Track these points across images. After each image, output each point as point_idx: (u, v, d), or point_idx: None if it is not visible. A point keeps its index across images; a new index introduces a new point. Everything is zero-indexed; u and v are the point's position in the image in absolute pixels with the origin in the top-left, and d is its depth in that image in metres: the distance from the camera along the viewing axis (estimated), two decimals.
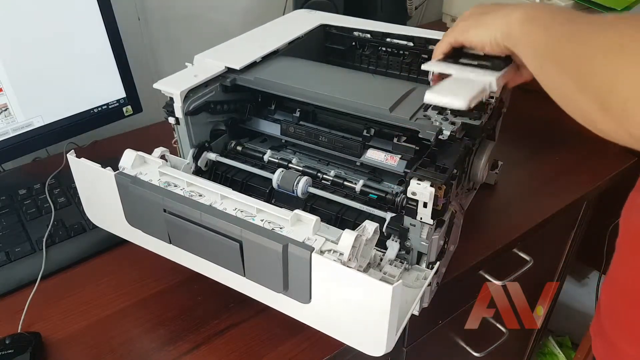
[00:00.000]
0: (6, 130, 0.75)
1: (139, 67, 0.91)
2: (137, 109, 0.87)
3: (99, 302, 0.64)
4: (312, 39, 0.82)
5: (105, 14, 0.79)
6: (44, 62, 0.76)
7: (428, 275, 0.56)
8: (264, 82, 0.66)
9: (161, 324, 0.61)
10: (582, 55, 0.40)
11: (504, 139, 0.77)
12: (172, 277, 0.66)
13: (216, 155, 0.67)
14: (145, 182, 0.56)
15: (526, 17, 0.49)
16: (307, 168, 0.65)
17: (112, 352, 0.58)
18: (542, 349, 1.46)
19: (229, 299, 0.62)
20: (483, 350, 0.90)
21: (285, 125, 0.69)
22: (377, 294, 0.44)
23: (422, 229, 0.55)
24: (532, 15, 0.48)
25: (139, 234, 0.59)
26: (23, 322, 0.61)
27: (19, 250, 0.68)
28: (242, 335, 0.59)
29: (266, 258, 0.49)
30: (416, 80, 0.80)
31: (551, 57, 0.44)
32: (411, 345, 0.78)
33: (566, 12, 0.47)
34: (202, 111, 0.65)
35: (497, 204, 0.79)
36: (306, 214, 0.49)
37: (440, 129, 0.56)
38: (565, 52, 0.42)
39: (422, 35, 0.77)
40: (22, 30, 0.72)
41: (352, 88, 0.66)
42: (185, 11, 1.00)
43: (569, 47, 0.42)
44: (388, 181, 0.64)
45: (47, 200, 0.75)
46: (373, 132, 0.66)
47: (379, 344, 0.47)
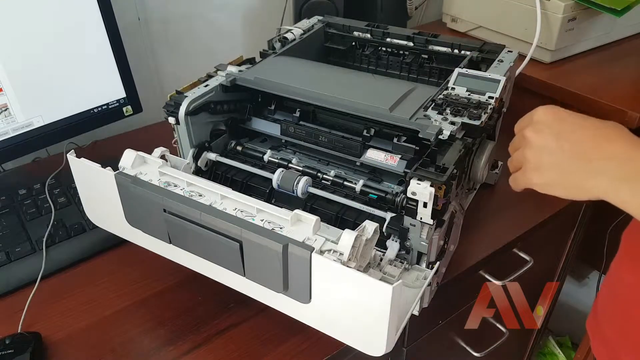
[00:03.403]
0: (6, 130, 0.75)
1: (139, 67, 0.91)
2: (137, 109, 0.87)
3: (98, 302, 0.64)
4: (312, 39, 0.82)
5: (105, 13, 0.79)
6: (44, 62, 0.76)
7: (428, 275, 0.56)
8: (264, 82, 0.66)
9: (161, 324, 0.61)
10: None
11: (504, 139, 0.77)
12: (172, 277, 0.66)
13: (216, 155, 0.67)
14: (145, 182, 0.56)
15: (626, 174, 0.43)
16: (307, 168, 0.65)
17: (112, 352, 0.58)
18: (542, 349, 1.46)
19: (229, 299, 0.62)
20: (483, 350, 0.90)
21: (285, 125, 0.69)
22: (377, 294, 0.44)
23: (422, 229, 0.55)
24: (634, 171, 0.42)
25: (139, 234, 0.59)
26: (23, 322, 0.61)
27: (19, 250, 0.68)
28: (242, 335, 0.59)
29: (266, 258, 0.49)
30: (416, 80, 0.80)
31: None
32: (411, 345, 0.78)
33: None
34: (202, 111, 0.65)
35: (497, 204, 0.79)
36: (306, 214, 0.49)
37: (440, 129, 0.56)
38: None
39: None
40: (22, 31, 0.72)
41: (352, 88, 0.66)
42: (185, 11, 1.00)
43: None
44: (388, 181, 0.65)
45: (47, 200, 0.75)
46: (373, 132, 0.66)
47: (379, 343, 0.47)
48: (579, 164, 0.45)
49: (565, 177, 0.46)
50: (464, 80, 0.65)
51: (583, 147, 0.45)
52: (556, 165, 0.47)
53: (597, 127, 0.46)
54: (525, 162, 0.49)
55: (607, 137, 0.45)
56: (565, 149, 0.46)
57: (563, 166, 0.46)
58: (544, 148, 0.47)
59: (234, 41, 1.09)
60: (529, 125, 0.49)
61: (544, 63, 1.04)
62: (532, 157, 0.48)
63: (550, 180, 0.47)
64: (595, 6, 0.95)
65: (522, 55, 0.85)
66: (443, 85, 0.66)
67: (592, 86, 0.95)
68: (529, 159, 0.49)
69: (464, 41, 0.77)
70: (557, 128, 0.47)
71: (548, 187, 0.48)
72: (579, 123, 0.47)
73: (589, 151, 0.45)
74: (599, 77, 0.99)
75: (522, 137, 0.50)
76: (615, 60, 1.05)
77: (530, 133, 0.49)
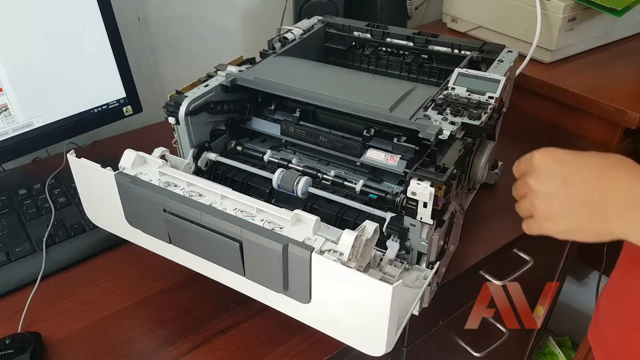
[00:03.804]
0: (6, 130, 0.75)
1: (139, 67, 0.91)
2: (137, 109, 0.87)
3: (99, 302, 0.64)
4: (312, 39, 0.82)
5: (105, 13, 0.79)
6: (44, 62, 0.76)
7: (428, 275, 0.56)
8: (264, 82, 0.66)
9: (161, 324, 0.61)
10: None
11: (504, 139, 0.77)
12: (172, 277, 0.66)
13: (216, 155, 0.67)
14: (145, 182, 0.56)
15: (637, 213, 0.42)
16: (307, 168, 0.65)
17: (112, 352, 0.58)
18: (542, 349, 1.46)
19: (229, 299, 0.62)
20: (483, 350, 0.90)
21: (285, 125, 0.69)
22: (377, 294, 0.44)
23: (422, 229, 0.54)
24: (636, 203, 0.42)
25: (139, 234, 0.59)
26: (23, 322, 0.61)
27: (19, 250, 0.68)
28: (242, 335, 0.59)
29: (266, 258, 0.49)
30: (416, 80, 0.80)
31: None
32: (411, 345, 0.78)
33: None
34: (202, 111, 0.65)
35: (497, 204, 0.79)
36: (306, 214, 0.49)
37: (440, 129, 0.56)
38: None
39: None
40: (22, 31, 0.72)
41: (352, 88, 0.66)
42: (185, 11, 1.00)
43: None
44: (388, 181, 0.64)
45: (47, 200, 0.75)
46: (373, 132, 0.66)
47: (379, 343, 0.47)
48: (589, 210, 0.44)
49: (579, 224, 0.45)
50: (464, 80, 0.65)
51: (589, 189, 0.44)
52: (567, 212, 0.46)
53: (598, 163, 0.45)
54: (535, 211, 0.48)
55: (609, 176, 0.44)
56: (573, 194, 0.45)
57: (574, 213, 0.45)
58: (552, 196, 0.46)
59: (234, 41, 1.09)
60: (530, 173, 0.48)
61: (544, 63, 1.04)
62: (542, 207, 0.47)
63: (565, 228, 0.47)
64: (595, 6, 0.95)
65: (522, 55, 0.85)
66: (443, 85, 0.66)
67: (592, 86, 0.95)
68: (539, 208, 0.48)
69: (464, 41, 0.77)
70: (559, 172, 0.46)
71: (565, 234, 0.47)
72: (579, 162, 0.46)
73: (596, 193, 0.44)
74: (599, 77, 0.99)
75: (525, 184, 0.49)
76: (615, 60, 1.05)
77: (533, 181, 0.48)
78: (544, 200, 0.47)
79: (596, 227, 0.44)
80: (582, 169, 0.45)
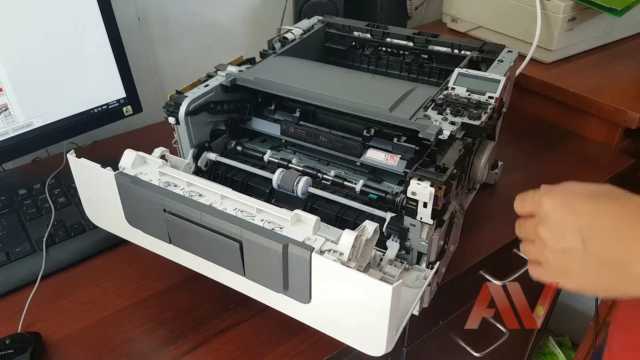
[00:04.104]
0: (6, 130, 0.75)
1: (139, 67, 0.91)
2: (137, 109, 0.87)
3: (99, 302, 0.64)
4: (312, 39, 0.82)
5: (105, 13, 0.79)
6: (44, 62, 0.76)
7: (428, 275, 0.56)
8: (264, 82, 0.66)
9: (161, 324, 0.61)
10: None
11: (504, 139, 0.77)
12: (172, 277, 0.66)
13: (216, 155, 0.67)
14: (145, 182, 0.56)
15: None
16: (307, 168, 0.65)
17: (112, 352, 0.58)
18: (542, 349, 1.46)
19: (229, 299, 0.62)
20: (483, 350, 0.90)
21: (285, 125, 0.69)
22: (377, 294, 0.44)
23: (422, 229, 0.54)
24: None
25: (139, 234, 0.59)
26: (23, 322, 0.61)
27: (19, 250, 0.68)
28: (242, 335, 0.59)
29: (266, 258, 0.49)
30: (416, 80, 0.80)
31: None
32: (411, 345, 0.78)
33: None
34: (202, 111, 0.65)
35: (497, 204, 0.79)
36: (306, 214, 0.49)
37: (440, 129, 0.56)
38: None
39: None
40: (22, 31, 0.72)
41: (352, 88, 0.66)
42: (185, 11, 1.00)
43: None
44: (388, 181, 0.64)
45: (47, 200, 0.75)
46: (373, 132, 0.66)
47: (379, 343, 0.47)
48: (611, 270, 0.40)
49: (598, 283, 0.42)
50: (464, 80, 0.65)
51: (612, 250, 0.40)
52: (586, 272, 0.42)
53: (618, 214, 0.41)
54: (547, 263, 0.44)
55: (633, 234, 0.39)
56: (593, 254, 0.40)
57: (594, 273, 0.41)
58: (569, 253, 0.42)
59: (234, 41, 1.09)
60: (541, 221, 0.44)
61: (544, 63, 1.04)
62: (556, 261, 0.43)
63: (583, 287, 0.43)
64: (595, 6, 0.95)
65: (522, 55, 0.85)
66: (443, 85, 0.66)
67: (592, 86, 0.95)
68: (552, 261, 0.43)
69: (464, 41, 0.77)
70: (576, 227, 0.41)
71: (582, 291, 0.43)
72: (597, 213, 0.41)
73: (620, 254, 0.40)
74: (599, 77, 0.99)
75: (533, 231, 0.45)
76: (615, 60, 1.05)
77: (546, 233, 0.43)
78: (559, 256, 0.43)
79: (615, 286, 0.41)
80: (601, 224, 0.41)
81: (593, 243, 0.41)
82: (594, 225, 0.41)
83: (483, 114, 0.59)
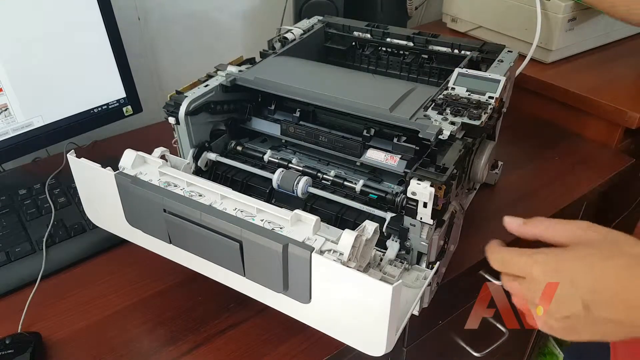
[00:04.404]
0: (6, 130, 0.75)
1: (139, 67, 0.91)
2: (137, 109, 0.87)
3: (98, 302, 0.64)
4: (312, 39, 0.82)
5: (105, 13, 0.79)
6: (44, 62, 0.76)
7: (428, 275, 0.56)
8: (264, 82, 0.66)
9: (161, 324, 0.61)
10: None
11: (504, 139, 0.77)
12: (172, 277, 0.66)
13: (216, 155, 0.67)
14: (145, 182, 0.56)
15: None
16: (307, 168, 0.65)
17: (112, 352, 0.58)
18: (542, 349, 1.46)
19: (229, 299, 0.62)
20: (483, 350, 0.90)
21: (285, 125, 0.69)
22: (377, 294, 0.44)
23: (422, 229, 0.54)
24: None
25: (139, 234, 0.59)
26: (23, 322, 0.61)
27: (19, 250, 0.68)
28: (242, 335, 0.59)
29: (266, 258, 0.49)
30: (416, 80, 0.80)
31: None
32: (411, 345, 0.78)
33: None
34: (202, 111, 0.65)
35: (497, 204, 0.79)
36: (306, 214, 0.49)
37: (440, 129, 0.56)
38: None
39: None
40: (22, 30, 0.72)
41: (352, 88, 0.66)
42: (185, 11, 1.00)
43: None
44: (388, 181, 0.64)
45: (47, 200, 0.75)
46: (373, 132, 0.66)
47: (379, 343, 0.47)
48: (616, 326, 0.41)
49: (610, 333, 0.42)
50: (464, 80, 0.65)
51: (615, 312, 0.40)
52: (594, 329, 0.42)
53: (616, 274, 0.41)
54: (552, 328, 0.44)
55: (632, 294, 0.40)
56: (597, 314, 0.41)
57: (602, 327, 0.42)
58: (572, 318, 0.42)
59: (234, 41, 1.09)
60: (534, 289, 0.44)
61: (544, 63, 1.04)
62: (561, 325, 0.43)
63: (593, 339, 0.43)
64: None
65: (522, 55, 0.85)
66: (443, 85, 0.66)
67: (592, 86, 0.95)
68: (557, 326, 0.44)
69: (464, 41, 0.77)
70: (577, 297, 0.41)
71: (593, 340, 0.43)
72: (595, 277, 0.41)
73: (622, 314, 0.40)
74: (599, 77, 0.99)
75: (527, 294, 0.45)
76: (615, 60, 1.05)
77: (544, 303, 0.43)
78: (564, 322, 0.43)
79: (625, 335, 0.42)
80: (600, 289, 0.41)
81: (595, 307, 0.41)
82: (592, 291, 0.41)
83: (483, 114, 0.59)
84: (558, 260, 0.43)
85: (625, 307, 0.40)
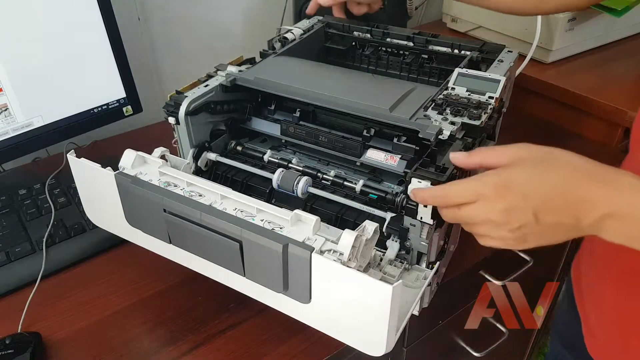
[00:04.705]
0: (6, 130, 0.75)
1: (139, 67, 0.91)
2: (137, 109, 0.87)
3: (98, 302, 0.64)
4: (312, 39, 0.82)
5: (105, 14, 0.79)
6: (44, 62, 0.76)
7: (428, 275, 0.56)
8: (264, 82, 0.66)
9: (161, 324, 0.61)
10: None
11: (504, 139, 0.77)
12: (172, 277, 0.66)
13: (216, 155, 0.67)
14: (145, 182, 0.56)
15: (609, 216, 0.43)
16: (307, 168, 0.65)
17: (112, 352, 0.58)
18: (542, 349, 1.46)
19: (229, 299, 0.62)
20: (483, 350, 0.90)
21: (285, 125, 0.69)
22: (377, 294, 0.44)
23: (422, 229, 0.55)
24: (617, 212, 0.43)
25: (139, 234, 0.59)
26: (23, 322, 0.61)
27: (19, 250, 0.68)
28: (242, 335, 0.59)
29: (266, 258, 0.49)
30: (416, 80, 0.80)
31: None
32: (411, 345, 0.78)
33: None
34: (202, 111, 0.65)
35: None
36: (306, 214, 0.49)
37: (440, 129, 0.56)
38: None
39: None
40: (22, 30, 0.72)
41: (352, 88, 0.66)
42: (185, 11, 1.00)
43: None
44: (388, 181, 0.65)
45: (47, 200, 0.75)
46: (373, 132, 0.66)
47: (379, 344, 0.47)
48: (565, 228, 0.45)
49: (556, 239, 0.47)
50: (464, 80, 0.65)
51: (563, 219, 0.44)
52: (542, 235, 0.46)
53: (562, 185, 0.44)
54: (504, 239, 0.47)
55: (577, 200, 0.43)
56: (546, 221, 0.45)
57: (550, 233, 0.46)
58: (524, 227, 0.45)
59: (234, 41, 1.09)
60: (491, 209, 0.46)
61: (544, 63, 1.04)
62: (513, 236, 0.47)
63: (540, 245, 0.47)
64: (595, 6, 0.95)
65: (522, 55, 0.85)
66: (443, 85, 0.66)
67: (592, 86, 0.95)
68: (509, 237, 0.47)
69: (464, 41, 0.77)
70: (527, 207, 0.44)
71: (539, 246, 0.48)
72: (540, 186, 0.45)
73: (570, 220, 0.44)
74: (599, 77, 0.99)
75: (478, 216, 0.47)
76: (615, 60, 1.05)
77: (500, 218, 0.45)
78: (515, 232, 0.46)
79: (569, 237, 0.46)
80: (549, 199, 0.44)
81: (543, 214, 0.44)
82: (543, 200, 0.44)
83: (483, 114, 0.59)
84: (508, 177, 0.45)
85: (571, 213, 0.44)
